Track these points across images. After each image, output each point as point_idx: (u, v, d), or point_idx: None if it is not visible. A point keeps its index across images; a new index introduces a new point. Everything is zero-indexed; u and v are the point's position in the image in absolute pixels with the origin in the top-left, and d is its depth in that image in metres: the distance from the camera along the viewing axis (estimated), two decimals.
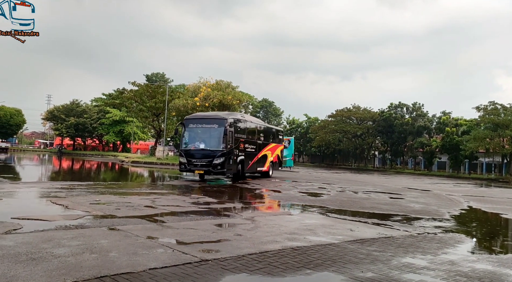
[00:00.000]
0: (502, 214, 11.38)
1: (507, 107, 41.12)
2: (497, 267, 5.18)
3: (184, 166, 17.11)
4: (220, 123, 17.12)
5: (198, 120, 17.79)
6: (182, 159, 17.13)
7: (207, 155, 16.69)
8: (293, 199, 12.27)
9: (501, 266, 5.24)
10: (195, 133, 17.37)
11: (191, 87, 36.71)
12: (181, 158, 17.21)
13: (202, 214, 8.46)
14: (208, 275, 4.14)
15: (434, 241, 6.79)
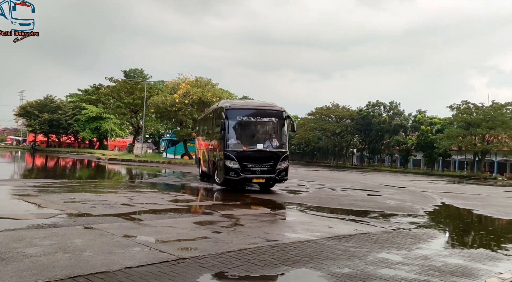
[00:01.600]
0: (473, 210, 11.73)
1: (479, 107, 42.41)
2: (468, 262, 5.33)
3: (234, 173, 12.50)
4: (277, 115, 13.40)
5: (248, 111, 13.30)
6: (231, 164, 12.49)
7: (269, 158, 12.89)
8: (275, 197, 12.30)
9: (472, 261, 5.41)
10: (246, 128, 13.38)
11: (170, 83, 36.25)
12: (230, 162, 12.51)
13: (180, 212, 8.38)
14: (185, 274, 4.10)
15: (409, 236, 6.95)
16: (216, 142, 13.88)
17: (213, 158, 14.46)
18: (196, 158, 20.34)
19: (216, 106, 15.09)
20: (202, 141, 17.74)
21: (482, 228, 9.33)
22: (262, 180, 12.91)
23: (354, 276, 4.32)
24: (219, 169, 13.31)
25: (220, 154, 13.05)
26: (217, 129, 13.65)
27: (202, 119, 19.30)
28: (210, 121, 16.01)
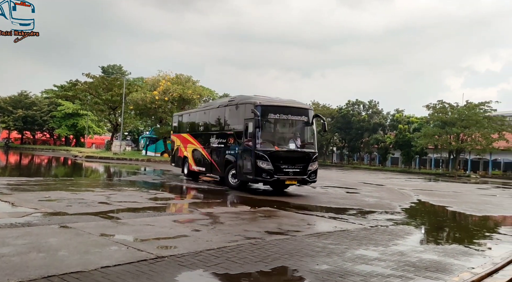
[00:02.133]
0: (448, 207, 12.06)
1: (454, 106, 43.56)
2: (442, 257, 5.48)
3: (267, 175, 11.62)
4: (307, 113, 12.73)
5: (280, 108, 12.37)
6: (263, 164, 11.59)
7: (301, 159, 12.22)
8: (255, 196, 12.31)
9: (446, 256, 5.55)
10: (276, 126, 12.67)
11: (150, 80, 35.80)
12: (262, 162, 11.60)
13: (160, 210, 8.30)
14: (164, 272, 4.06)
15: (386, 233, 7.08)
16: (235, 140, 12.90)
17: (229, 158, 13.17)
18: (176, 157, 18.48)
19: (234, 101, 13.58)
20: (195, 139, 16.26)
21: (456, 225, 9.59)
22: (294, 182, 12.24)
23: (333, 272, 4.37)
24: (243, 169, 12.25)
25: (246, 154, 12.09)
26: (236, 127, 12.93)
27: (195, 115, 17.34)
28: (217, 117, 14.80)
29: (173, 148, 19.30)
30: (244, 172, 12.26)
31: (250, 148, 11.94)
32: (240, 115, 12.79)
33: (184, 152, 17.23)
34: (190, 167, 16.50)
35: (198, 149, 15.83)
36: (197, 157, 15.87)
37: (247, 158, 12.08)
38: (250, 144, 11.93)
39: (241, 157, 12.37)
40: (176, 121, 19.34)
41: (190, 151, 16.54)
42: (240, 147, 12.54)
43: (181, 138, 17.97)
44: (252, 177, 11.91)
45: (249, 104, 12.37)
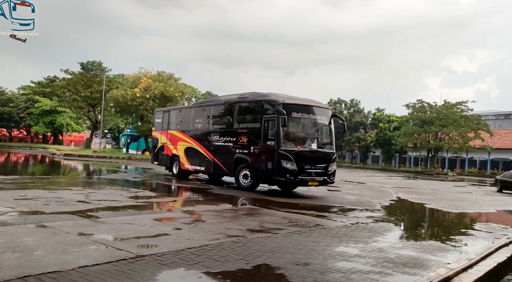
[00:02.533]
0: (426, 204, 12.33)
1: (432, 106, 44.53)
2: (420, 253, 5.59)
3: (291, 175, 11.26)
4: (327, 113, 12.62)
5: (303, 107, 12.04)
6: (288, 164, 11.22)
7: (323, 159, 12.03)
8: (240, 193, 12.30)
9: (423, 252, 5.67)
10: (300, 126, 12.28)
11: (130, 77, 35.25)
12: (286, 162, 11.23)
13: (140, 209, 8.19)
14: (144, 271, 4.01)
15: (366, 230, 7.18)
16: (249, 139, 12.36)
17: (241, 157, 12.63)
18: (160, 155, 17.64)
19: (248, 98, 13.03)
20: (190, 137, 15.59)
21: (434, 221, 9.81)
22: (316, 183, 11.92)
23: (314, 270, 4.41)
24: (261, 169, 11.81)
25: (267, 153, 11.64)
26: (251, 125, 12.49)
27: (188, 112, 16.55)
28: (223, 114, 14.28)
29: (155, 145, 18.44)
30: (264, 172, 11.79)
31: (271, 147, 11.47)
32: (256, 112, 12.39)
33: (173, 150, 16.58)
34: (182, 166, 15.89)
35: (194, 148, 15.19)
36: (193, 155, 15.23)
37: (268, 157, 11.57)
38: (271, 143, 11.49)
39: (260, 157, 11.86)
40: (160, 117, 18.28)
41: (182, 149, 15.92)
42: (257, 146, 12.03)
43: (168, 136, 17.13)
44: (275, 178, 11.47)
45: (270, 101, 11.88)
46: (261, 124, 11.91)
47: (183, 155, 15.85)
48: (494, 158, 46.75)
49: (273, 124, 11.51)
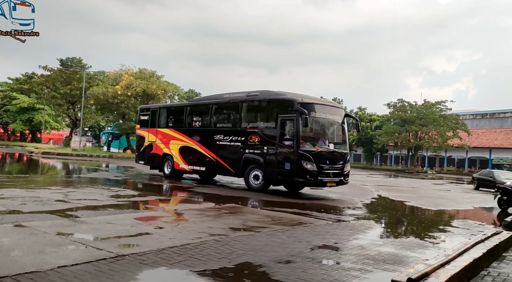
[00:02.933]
0: (406, 202, 12.56)
1: (413, 105, 45.41)
2: (400, 250, 5.69)
3: (311, 176, 11.02)
4: (341, 113, 12.47)
5: (320, 107, 11.84)
6: (308, 165, 10.96)
7: (339, 160, 11.89)
8: (215, 191, 12.26)
9: (403, 249, 5.78)
10: (317, 125, 11.97)
11: (112, 74, 34.70)
12: (307, 163, 10.96)
13: (121, 208, 8.07)
14: (125, 271, 3.95)
15: (347, 228, 7.27)
16: (262, 139, 11.96)
17: (252, 158, 12.20)
18: (147, 154, 16.73)
19: (259, 96, 12.69)
20: (187, 136, 14.89)
21: (413, 219, 10.00)
22: (333, 184, 11.71)
23: (296, 267, 4.43)
24: (277, 170, 11.51)
25: (285, 154, 11.36)
26: (263, 124, 12.18)
27: (184, 109, 15.93)
28: (228, 113, 13.95)
29: (140, 144, 17.43)
30: (281, 174, 11.48)
31: (290, 147, 11.24)
32: (270, 111, 12.11)
33: (164, 150, 15.81)
34: (176, 166, 15.18)
35: (192, 147, 14.55)
36: (190, 155, 14.60)
37: (286, 158, 11.32)
38: (290, 144, 11.25)
39: (275, 157, 11.56)
40: (146, 114, 17.37)
41: (176, 148, 15.27)
42: (272, 146, 11.70)
43: (158, 134, 16.35)
44: (294, 179, 11.23)
45: (288, 100, 11.61)
46: (277, 124, 11.57)
47: (178, 154, 15.17)
48: (471, 156, 47.97)
49: (291, 123, 11.24)
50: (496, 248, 5.49)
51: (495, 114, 56.28)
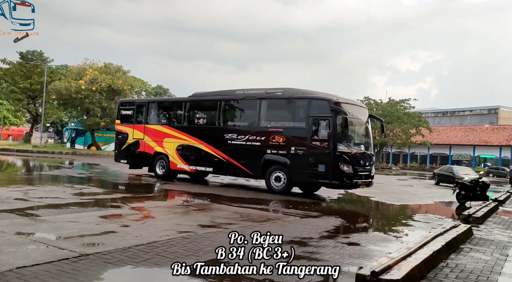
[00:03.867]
0: (372, 197, 12.91)
1: (378, 103, 46.72)
2: (365, 244, 5.85)
3: (347, 179, 10.64)
4: (367, 114, 12.14)
5: (352, 107, 11.44)
6: (345, 167, 10.56)
7: (369, 161, 11.65)
8: (186, 188, 12.14)
9: (368, 243, 5.94)
10: (348, 127, 11.12)
11: (75, 68, 33.47)
12: (344, 165, 10.55)
13: (85, 206, 7.83)
14: (88, 270, 3.84)
15: (315, 223, 7.38)
16: (288, 139, 11.32)
17: (275, 159, 11.55)
18: (132, 152, 15.21)
19: (284, 94, 11.99)
20: (188, 134, 13.72)
21: (378, 214, 10.31)
22: (364, 185, 11.44)
23: (267, 265, 4.45)
24: (308, 172, 10.95)
25: (318, 155, 10.83)
26: (288, 124, 11.52)
27: (183, 105, 14.60)
28: (243, 111, 13.03)
29: (122, 141, 15.69)
30: (312, 176, 10.94)
31: (324, 149, 10.75)
32: (298, 110, 11.56)
33: (156, 148, 14.42)
34: (173, 166, 13.92)
35: (194, 146, 13.42)
36: (192, 155, 13.46)
37: (320, 160, 10.77)
38: (323, 145, 10.80)
39: (305, 159, 10.98)
40: (130, 109, 15.87)
41: (173, 147, 14.00)
42: (301, 147, 11.09)
43: (147, 131, 14.85)
44: (330, 182, 10.72)
45: (322, 99, 11.14)
46: (307, 124, 11.04)
47: (175, 153, 13.92)
48: (433, 153, 49.99)
49: (326, 124, 10.77)
50: (454, 241, 5.75)
51: (455, 112, 58.97)
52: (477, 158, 47.00)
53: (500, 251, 5.90)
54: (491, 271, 4.74)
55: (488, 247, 6.10)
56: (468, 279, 4.33)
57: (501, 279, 4.47)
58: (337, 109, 10.63)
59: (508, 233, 7.63)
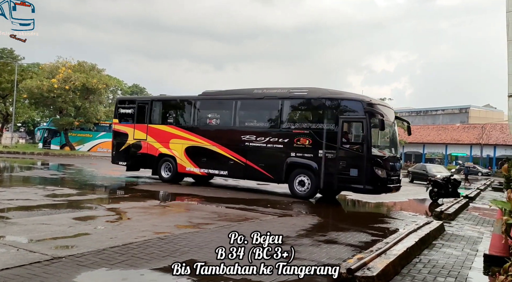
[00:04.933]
0: (348, 195, 13.08)
1: None
2: (342, 242, 5.92)
3: (382, 183, 10.23)
4: (393, 116, 11.62)
5: (384, 108, 10.89)
6: (379, 171, 10.15)
7: (398, 165, 11.38)
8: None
9: (344, 241, 6.01)
10: (380, 129, 10.63)
11: (47, 67, 32.53)
12: (379, 169, 10.14)
13: (58, 208, 7.62)
14: (61, 273, 3.74)
15: (292, 222, 7.44)
16: (315, 141, 10.73)
17: (300, 162, 11.00)
18: (133, 154, 14.22)
19: (309, 94, 11.40)
20: (199, 135, 12.92)
21: (355, 211, 10.47)
22: (395, 190, 11.00)
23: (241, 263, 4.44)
24: (338, 176, 10.38)
25: (349, 159, 10.31)
26: (316, 125, 10.91)
27: (193, 104, 13.63)
28: (261, 111, 12.38)
29: (120, 142, 14.71)
30: (343, 180, 10.37)
31: (356, 152, 10.30)
32: (326, 111, 10.99)
33: (161, 149, 13.58)
34: (181, 168, 13.13)
35: (206, 147, 12.69)
36: (203, 157, 12.74)
37: (352, 164, 10.26)
38: (355, 148, 10.42)
39: (337, 163, 10.41)
40: (130, 107, 14.83)
41: (181, 148, 13.22)
42: (331, 150, 10.51)
43: (150, 131, 13.98)
44: (363, 187, 10.17)
45: (354, 100, 10.70)
46: (338, 126, 10.46)
47: (183, 155, 13.13)
48: (407, 151, 51.18)
49: (359, 126, 10.40)
50: (427, 237, 5.91)
51: (428, 111, 60.62)
52: (449, 156, 48.46)
53: (471, 246, 6.11)
54: (462, 266, 4.89)
55: (459, 242, 6.30)
56: (440, 274, 4.45)
57: (471, 273, 4.62)
58: (372, 111, 10.19)
59: (478, 229, 7.90)
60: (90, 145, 35.27)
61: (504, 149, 44.29)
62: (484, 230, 7.76)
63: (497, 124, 48.35)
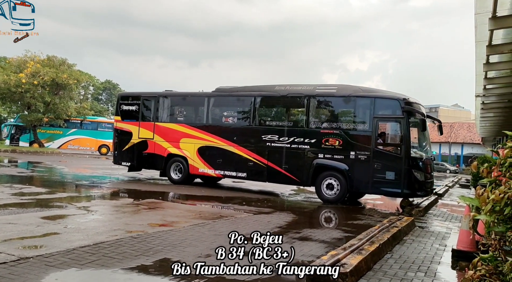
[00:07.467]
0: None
1: None
2: (316, 239, 5.98)
3: (419, 187, 9.68)
4: (425, 114, 10.68)
5: (419, 107, 10.29)
6: (418, 175, 9.62)
7: (433, 166, 10.95)
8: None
9: (318, 238, 6.07)
10: (415, 129, 10.35)
11: (15, 61, 31.27)
12: (418, 173, 9.63)
13: (25, 207, 7.35)
14: (28, 274, 3.60)
15: (267, 219, 7.45)
16: (346, 142, 10.17)
17: (328, 164, 10.42)
18: (137, 154, 13.35)
19: (339, 91, 10.76)
20: (213, 134, 12.15)
21: (329, 209, 10.59)
22: (431, 193, 10.66)
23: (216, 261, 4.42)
24: (373, 179, 9.81)
25: (384, 161, 9.72)
26: (347, 125, 10.37)
27: (205, 101, 12.75)
28: (285, 109, 11.71)
29: (123, 140, 13.80)
30: (378, 184, 9.84)
31: (393, 154, 9.77)
32: (358, 110, 10.47)
33: (170, 149, 12.80)
34: (193, 170, 12.43)
35: (221, 148, 11.95)
36: (220, 158, 12.00)
37: (388, 166, 9.70)
38: (392, 149, 9.87)
39: (371, 165, 9.84)
40: (133, 104, 13.92)
41: (193, 148, 12.47)
42: (365, 151, 9.97)
43: (158, 129, 13.17)
44: (401, 191, 9.62)
45: (390, 99, 10.06)
46: (372, 126, 9.92)
47: (196, 155, 12.40)
48: None
49: (396, 126, 9.84)
50: (399, 233, 6.06)
51: None
52: None
53: (439, 241, 6.30)
54: (431, 261, 5.04)
55: (429, 238, 6.49)
56: (410, 269, 4.57)
57: (440, 268, 4.77)
58: (410, 110, 9.68)
59: (447, 224, 8.17)
60: (60, 142, 34.15)
61: (471, 147, 46.04)
62: (452, 225, 8.04)
63: (465, 123, 50.16)
